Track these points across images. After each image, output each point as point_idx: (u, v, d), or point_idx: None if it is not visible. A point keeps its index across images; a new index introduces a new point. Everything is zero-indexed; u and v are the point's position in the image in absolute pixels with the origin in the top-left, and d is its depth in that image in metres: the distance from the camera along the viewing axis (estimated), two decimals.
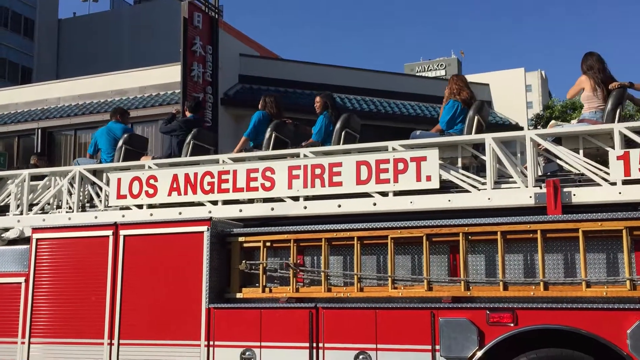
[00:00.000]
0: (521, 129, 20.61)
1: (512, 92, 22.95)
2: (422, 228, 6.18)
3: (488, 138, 6.74)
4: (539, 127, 22.58)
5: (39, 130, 21.21)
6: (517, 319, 5.58)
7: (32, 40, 51.45)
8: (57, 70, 47.19)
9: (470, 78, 26.33)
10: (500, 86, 23.05)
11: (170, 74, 19.49)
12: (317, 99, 8.60)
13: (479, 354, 5.63)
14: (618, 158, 6.20)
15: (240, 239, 6.92)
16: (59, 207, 8.80)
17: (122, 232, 7.19)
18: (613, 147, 6.34)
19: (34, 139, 21.44)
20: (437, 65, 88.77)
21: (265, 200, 7.49)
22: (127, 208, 8.07)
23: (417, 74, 59.39)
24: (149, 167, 8.14)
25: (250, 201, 7.60)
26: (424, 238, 6.16)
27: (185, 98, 17.68)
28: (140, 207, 7.97)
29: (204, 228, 6.82)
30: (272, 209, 7.40)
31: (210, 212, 7.57)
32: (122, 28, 47.03)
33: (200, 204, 7.74)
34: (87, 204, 8.64)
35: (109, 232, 7.22)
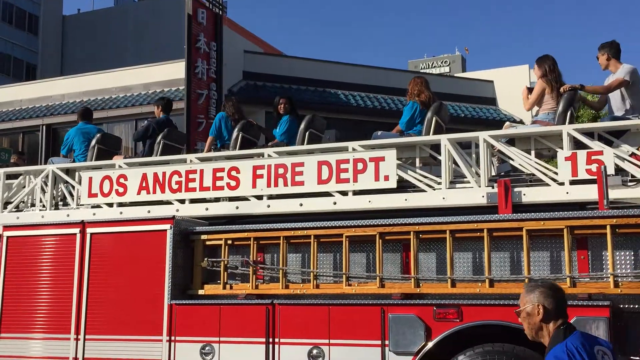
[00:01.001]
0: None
1: (517, 88, 22.86)
2: (375, 227, 6.36)
3: (443, 139, 6.91)
4: None
5: (44, 127, 21.35)
6: (462, 314, 5.76)
7: (36, 36, 51.51)
8: (62, 67, 47.26)
9: (475, 75, 26.67)
10: (504, 83, 22.96)
11: (174, 71, 19.58)
12: (282, 100, 8.77)
13: (426, 348, 5.80)
14: (566, 159, 6.37)
15: (203, 237, 7.09)
16: (33, 205, 8.97)
17: (89, 230, 7.37)
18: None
19: (39, 136, 21.59)
20: (441, 62, 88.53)
21: (231, 199, 7.66)
22: (99, 206, 8.25)
23: (421, 71, 59.18)
24: (120, 167, 8.31)
25: (217, 200, 7.77)
26: (377, 236, 6.33)
27: (190, 95, 17.83)
28: (110, 205, 8.14)
29: (167, 226, 6.99)
30: (237, 207, 7.57)
31: (177, 210, 7.75)
32: (126, 25, 47.07)
33: (168, 202, 7.91)
34: (60, 202, 8.81)
35: (76, 230, 7.40)
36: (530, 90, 7.46)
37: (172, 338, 6.75)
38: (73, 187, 8.62)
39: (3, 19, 50.19)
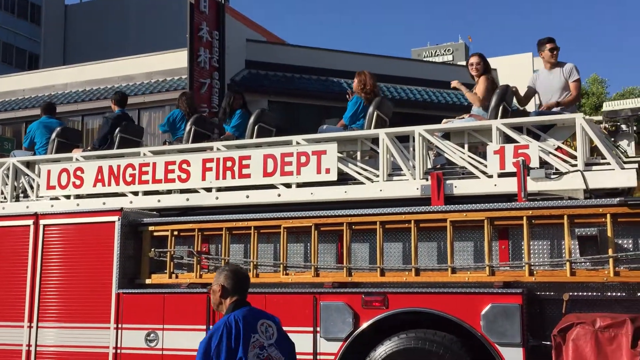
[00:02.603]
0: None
1: (520, 76, 22.72)
2: (311, 218, 6.61)
3: (381, 133, 7.15)
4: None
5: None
6: (388, 302, 6.03)
7: (39, 26, 51.29)
8: (64, 56, 47.04)
9: None
10: (508, 71, 22.89)
11: (177, 60, 19.56)
12: (235, 95, 8.99)
13: (354, 334, 6.07)
14: (495, 152, 6.61)
15: (151, 228, 7.35)
16: None
17: (42, 222, 7.62)
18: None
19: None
20: (445, 51, 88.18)
21: (182, 191, 7.90)
22: (57, 198, 8.48)
23: (425, 59, 58.96)
24: (77, 160, 8.54)
25: (169, 192, 8.01)
26: (313, 228, 6.59)
27: (193, 84, 17.78)
28: (68, 197, 8.38)
29: (115, 218, 7.25)
30: (187, 199, 7.81)
31: (131, 202, 7.99)
32: (129, 14, 46.73)
33: (123, 194, 8.15)
34: (22, 195, 9.04)
35: (30, 222, 7.65)
36: (464, 84, 7.73)
37: (119, 325, 7.02)
38: (33, 179, 8.85)
39: (6, 9, 50.05)
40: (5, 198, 8.95)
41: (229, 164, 7.65)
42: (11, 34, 49.81)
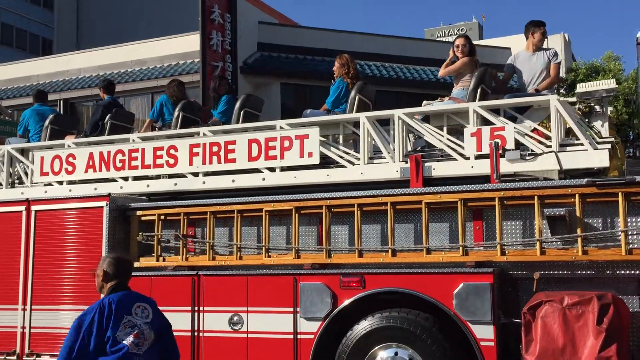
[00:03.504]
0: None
1: None
2: (291, 202, 6.76)
3: (362, 117, 7.27)
4: (561, 90, 22.00)
5: (61, 102, 21.36)
6: (365, 282, 6.18)
7: (51, 11, 51.31)
8: (77, 41, 47.03)
9: (492, 42, 26.41)
10: (522, 49, 22.54)
11: (189, 43, 19.56)
12: (222, 81, 9.11)
13: (333, 314, 6.24)
14: (472, 135, 6.72)
15: (138, 212, 7.52)
16: None
17: (34, 208, 7.82)
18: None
19: (56, 110, 21.48)
20: (458, 30, 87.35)
21: (170, 176, 8.07)
22: (50, 184, 8.68)
23: (438, 39, 58.44)
24: (69, 146, 8.72)
25: (158, 177, 8.18)
26: (293, 211, 6.74)
27: (205, 67, 17.79)
28: (61, 183, 8.58)
29: (103, 203, 7.43)
30: (175, 184, 7.98)
31: (121, 187, 8.18)
32: None
33: (113, 180, 8.33)
34: (17, 181, 9.24)
35: (22, 208, 7.86)
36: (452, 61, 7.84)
37: None
38: (27, 166, 9.04)
39: None
40: (1, 185, 9.16)
41: (215, 149, 7.81)
42: (24, 19, 49.91)
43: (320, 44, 20.69)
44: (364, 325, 6.11)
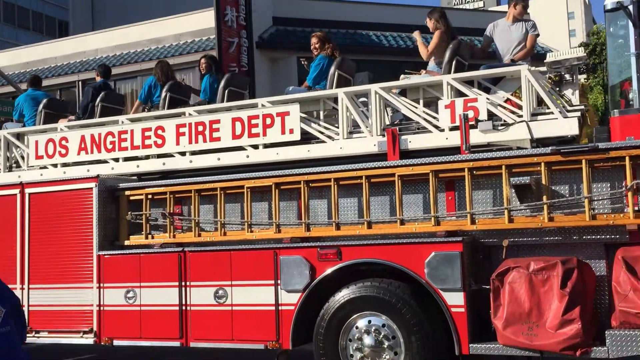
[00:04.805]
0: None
1: (554, 20, 21.87)
2: (271, 178, 6.94)
3: (340, 92, 7.40)
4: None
5: (80, 83, 21.57)
6: (342, 254, 6.37)
7: None
8: (93, 22, 47.16)
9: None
10: (541, 15, 22.10)
11: (204, 20, 19.60)
12: (202, 60, 9.27)
13: (311, 285, 6.45)
14: (446, 107, 6.85)
15: (127, 192, 7.75)
16: None
17: (27, 190, 8.08)
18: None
19: (75, 92, 21.87)
20: None
21: (159, 156, 8.28)
22: (45, 167, 8.94)
23: (455, 7, 57.67)
24: (61, 129, 8.96)
25: (147, 157, 8.39)
26: (273, 186, 6.92)
27: (221, 44, 17.86)
28: (55, 166, 8.83)
29: (92, 184, 7.66)
30: (164, 164, 8.20)
31: (112, 168, 8.42)
32: None
33: (104, 161, 8.56)
34: (14, 165, 9.51)
35: (16, 191, 8.12)
36: (424, 38, 7.89)
37: (101, 285, 7.50)
38: (24, 150, 9.30)
39: None
40: None
41: (200, 128, 8.00)
42: (40, 2, 50.18)
43: (335, 16, 20.61)
44: (341, 295, 6.30)
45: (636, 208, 5.50)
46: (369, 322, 6.13)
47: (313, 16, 20.56)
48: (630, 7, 6.08)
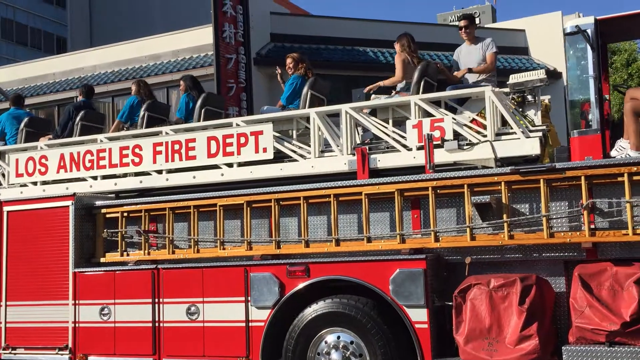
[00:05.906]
0: (559, 74, 19.47)
1: (550, 37, 21.84)
2: (242, 196, 7.08)
3: (312, 112, 7.57)
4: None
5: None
6: (310, 271, 6.50)
7: (64, 9, 51.55)
8: (91, 38, 47.34)
9: (506, 25, 26.26)
10: (537, 31, 21.84)
11: (202, 36, 19.79)
12: (181, 82, 9.44)
13: (280, 302, 6.57)
14: (413, 127, 7.01)
15: (103, 210, 7.88)
16: None
17: (5, 208, 8.20)
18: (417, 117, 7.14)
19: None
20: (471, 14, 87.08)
21: (136, 174, 8.41)
22: (26, 185, 9.06)
23: (451, 24, 58.17)
24: (41, 148, 9.09)
25: (125, 175, 8.53)
26: (245, 204, 7.06)
27: (219, 60, 18.04)
28: (35, 184, 8.96)
29: (69, 202, 7.79)
30: (141, 181, 8.34)
31: (91, 186, 8.55)
32: None
33: (83, 179, 8.69)
34: None
35: None
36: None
37: (77, 302, 7.61)
38: (4, 168, 9.42)
39: None
40: None
41: (176, 147, 8.14)
42: (38, 18, 50.35)
43: (333, 32, 20.78)
44: (309, 312, 6.43)
45: (592, 226, 5.65)
46: (338, 337, 6.26)
47: (310, 33, 20.78)
48: (589, 31, 6.27)
